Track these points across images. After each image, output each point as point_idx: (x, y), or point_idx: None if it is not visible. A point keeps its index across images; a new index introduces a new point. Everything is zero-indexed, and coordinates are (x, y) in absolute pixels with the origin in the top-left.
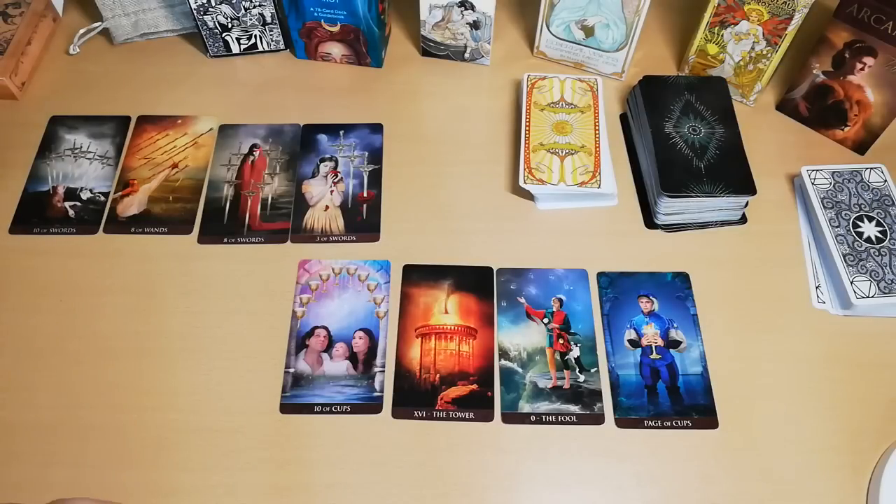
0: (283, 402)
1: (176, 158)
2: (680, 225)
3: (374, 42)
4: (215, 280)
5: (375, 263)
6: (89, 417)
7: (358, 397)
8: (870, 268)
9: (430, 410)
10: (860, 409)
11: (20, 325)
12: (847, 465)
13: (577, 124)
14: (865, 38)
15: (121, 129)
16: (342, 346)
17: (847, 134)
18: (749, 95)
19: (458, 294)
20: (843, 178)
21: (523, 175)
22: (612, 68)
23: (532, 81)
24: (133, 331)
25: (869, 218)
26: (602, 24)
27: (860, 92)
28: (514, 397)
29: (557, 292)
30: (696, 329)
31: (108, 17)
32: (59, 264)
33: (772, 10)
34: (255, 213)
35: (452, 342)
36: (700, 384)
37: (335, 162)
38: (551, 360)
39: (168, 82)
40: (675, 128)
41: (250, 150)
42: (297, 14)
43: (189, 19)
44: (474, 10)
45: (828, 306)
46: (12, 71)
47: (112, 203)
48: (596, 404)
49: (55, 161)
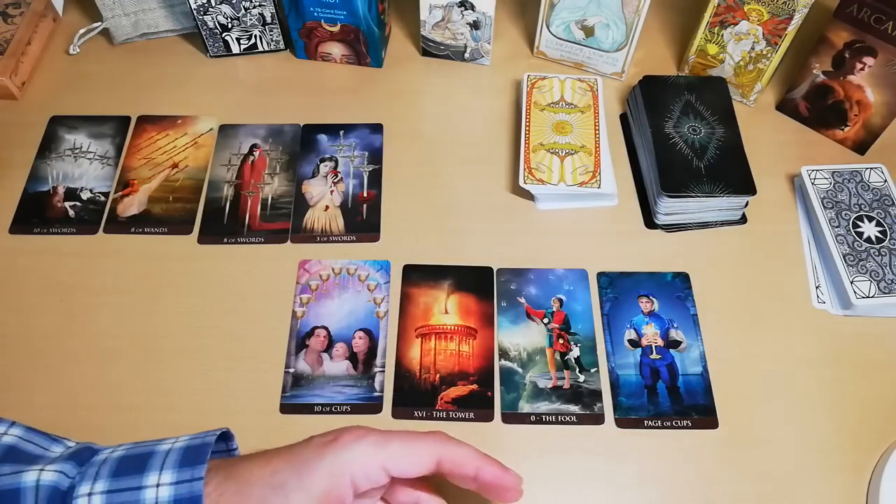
0: (283, 403)
1: (176, 158)
2: (680, 225)
3: (374, 42)
4: (215, 280)
5: (375, 263)
6: (89, 417)
7: (358, 397)
8: (870, 268)
9: (430, 410)
10: (860, 409)
11: (20, 325)
12: (847, 465)
13: (577, 124)
14: (865, 38)
15: (121, 129)
16: (342, 346)
17: (847, 134)
18: (749, 95)
19: (458, 294)
20: (843, 178)
21: (523, 175)
22: (612, 68)
23: (532, 81)
24: (133, 331)
25: (869, 218)
26: (602, 24)
27: (860, 92)
28: (514, 397)
29: (557, 292)
30: (696, 329)
31: (108, 17)
32: (59, 264)
33: (772, 10)
34: (255, 213)
35: (452, 342)
36: (700, 384)
37: (335, 162)
38: (551, 360)
39: (168, 82)
40: (675, 128)
41: (250, 150)
42: (297, 14)
43: (189, 19)
44: (474, 10)
45: (828, 306)
46: (12, 71)
47: (112, 203)
48: (596, 404)
49: (55, 161)
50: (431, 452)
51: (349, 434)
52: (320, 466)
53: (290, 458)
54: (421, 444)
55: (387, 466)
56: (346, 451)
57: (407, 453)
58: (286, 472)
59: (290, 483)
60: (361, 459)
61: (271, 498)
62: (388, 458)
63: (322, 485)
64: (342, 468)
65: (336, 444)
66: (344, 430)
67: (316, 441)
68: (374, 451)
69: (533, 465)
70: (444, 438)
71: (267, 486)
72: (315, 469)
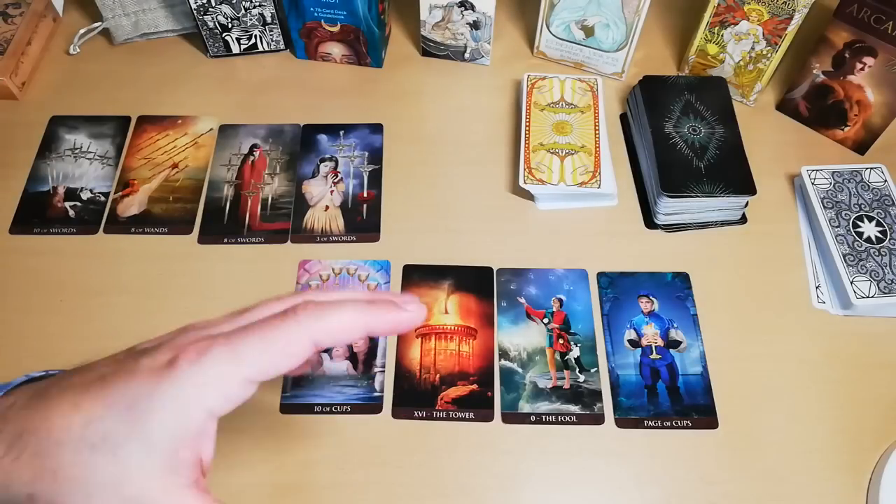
0: (283, 403)
1: (176, 158)
2: (680, 225)
3: (374, 42)
4: (215, 280)
5: (375, 263)
6: None
7: (358, 397)
8: (870, 268)
9: (430, 410)
10: (860, 409)
11: (20, 325)
12: (847, 465)
13: (577, 124)
14: (865, 38)
15: (121, 129)
16: (342, 346)
17: (847, 134)
18: (749, 95)
19: (458, 294)
20: (843, 178)
21: (523, 175)
22: (612, 68)
23: (532, 81)
24: (133, 331)
25: (869, 218)
26: (602, 24)
27: (860, 92)
28: (514, 397)
29: (557, 292)
30: (696, 329)
31: (108, 17)
32: (59, 264)
33: (772, 10)
34: (255, 214)
35: (452, 342)
36: (700, 384)
37: (335, 162)
38: (551, 360)
39: (168, 82)
40: (675, 128)
41: (250, 151)
42: (297, 14)
43: (189, 19)
44: (474, 10)
45: (828, 306)
46: (12, 71)
47: (112, 203)
48: (596, 404)
49: (55, 161)
50: (301, 337)
51: (188, 351)
52: (158, 404)
53: (110, 396)
54: (284, 333)
55: (251, 377)
56: (191, 376)
57: (271, 351)
58: (108, 419)
59: (117, 434)
60: (214, 381)
61: (92, 460)
62: (250, 367)
63: (167, 428)
64: (189, 399)
65: (175, 368)
66: (178, 344)
67: (144, 365)
68: (229, 364)
69: (533, 465)
70: (307, 312)
71: (83, 444)
72: (151, 409)
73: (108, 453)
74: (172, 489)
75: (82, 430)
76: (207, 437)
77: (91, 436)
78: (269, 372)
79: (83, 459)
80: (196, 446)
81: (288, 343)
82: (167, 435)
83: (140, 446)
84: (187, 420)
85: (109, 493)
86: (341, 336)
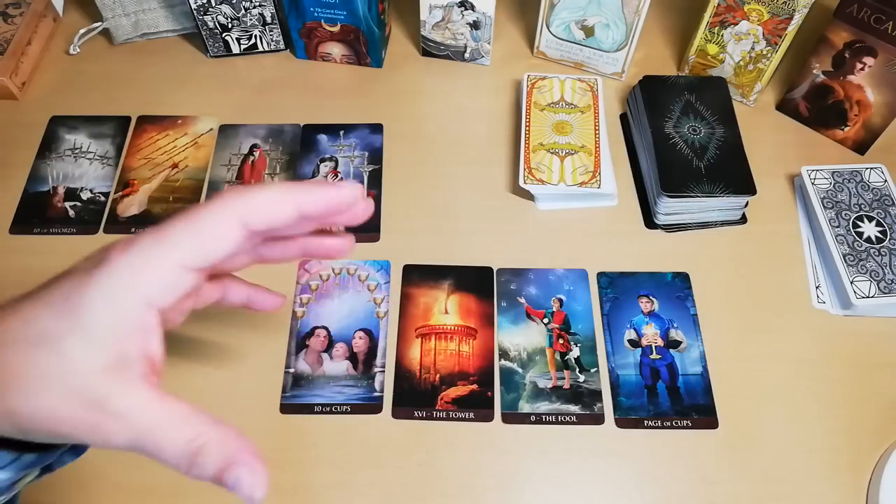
0: (283, 403)
1: (176, 158)
2: (680, 225)
3: (374, 42)
4: None
5: (375, 263)
6: None
7: (358, 397)
8: (870, 268)
9: (430, 410)
10: (860, 409)
11: None
12: (847, 465)
13: (577, 124)
14: (865, 38)
15: (121, 129)
16: (342, 346)
17: (847, 134)
18: (749, 95)
19: (458, 294)
20: (843, 178)
21: (523, 175)
22: (612, 68)
23: (532, 81)
24: None
25: (869, 218)
26: (602, 24)
27: (860, 92)
28: (514, 397)
29: (557, 292)
30: (696, 329)
31: (108, 17)
32: (59, 264)
33: (772, 10)
34: None
35: (452, 342)
36: (700, 384)
37: (335, 162)
38: (551, 360)
39: (168, 82)
40: (675, 128)
41: (250, 151)
42: (297, 14)
43: (189, 19)
44: (474, 10)
45: (828, 306)
46: (12, 71)
47: (112, 203)
48: (596, 404)
49: (55, 161)
50: (227, 216)
51: (116, 246)
52: (95, 295)
53: (48, 295)
54: (210, 213)
55: (184, 262)
56: (122, 267)
57: (198, 233)
58: (45, 317)
59: (57, 329)
60: (145, 267)
61: (35, 356)
62: (181, 251)
63: (104, 320)
64: (123, 289)
65: (106, 262)
66: (109, 246)
67: (78, 268)
68: (159, 251)
69: (533, 465)
70: (232, 192)
71: (25, 343)
72: (86, 303)
73: (49, 349)
74: (119, 381)
75: (24, 329)
76: (152, 332)
77: (32, 335)
78: (202, 255)
79: (26, 357)
80: (140, 340)
81: (214, 223)
82: (105, 326)
83: (80, 339)
84: (123, 311)
85: (57, 386)
86: (271, 215)
